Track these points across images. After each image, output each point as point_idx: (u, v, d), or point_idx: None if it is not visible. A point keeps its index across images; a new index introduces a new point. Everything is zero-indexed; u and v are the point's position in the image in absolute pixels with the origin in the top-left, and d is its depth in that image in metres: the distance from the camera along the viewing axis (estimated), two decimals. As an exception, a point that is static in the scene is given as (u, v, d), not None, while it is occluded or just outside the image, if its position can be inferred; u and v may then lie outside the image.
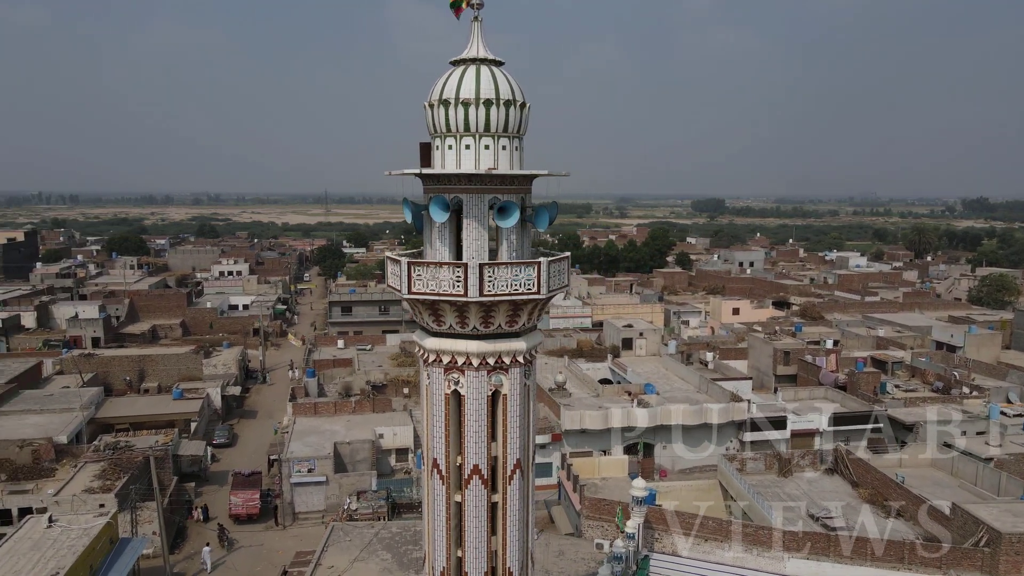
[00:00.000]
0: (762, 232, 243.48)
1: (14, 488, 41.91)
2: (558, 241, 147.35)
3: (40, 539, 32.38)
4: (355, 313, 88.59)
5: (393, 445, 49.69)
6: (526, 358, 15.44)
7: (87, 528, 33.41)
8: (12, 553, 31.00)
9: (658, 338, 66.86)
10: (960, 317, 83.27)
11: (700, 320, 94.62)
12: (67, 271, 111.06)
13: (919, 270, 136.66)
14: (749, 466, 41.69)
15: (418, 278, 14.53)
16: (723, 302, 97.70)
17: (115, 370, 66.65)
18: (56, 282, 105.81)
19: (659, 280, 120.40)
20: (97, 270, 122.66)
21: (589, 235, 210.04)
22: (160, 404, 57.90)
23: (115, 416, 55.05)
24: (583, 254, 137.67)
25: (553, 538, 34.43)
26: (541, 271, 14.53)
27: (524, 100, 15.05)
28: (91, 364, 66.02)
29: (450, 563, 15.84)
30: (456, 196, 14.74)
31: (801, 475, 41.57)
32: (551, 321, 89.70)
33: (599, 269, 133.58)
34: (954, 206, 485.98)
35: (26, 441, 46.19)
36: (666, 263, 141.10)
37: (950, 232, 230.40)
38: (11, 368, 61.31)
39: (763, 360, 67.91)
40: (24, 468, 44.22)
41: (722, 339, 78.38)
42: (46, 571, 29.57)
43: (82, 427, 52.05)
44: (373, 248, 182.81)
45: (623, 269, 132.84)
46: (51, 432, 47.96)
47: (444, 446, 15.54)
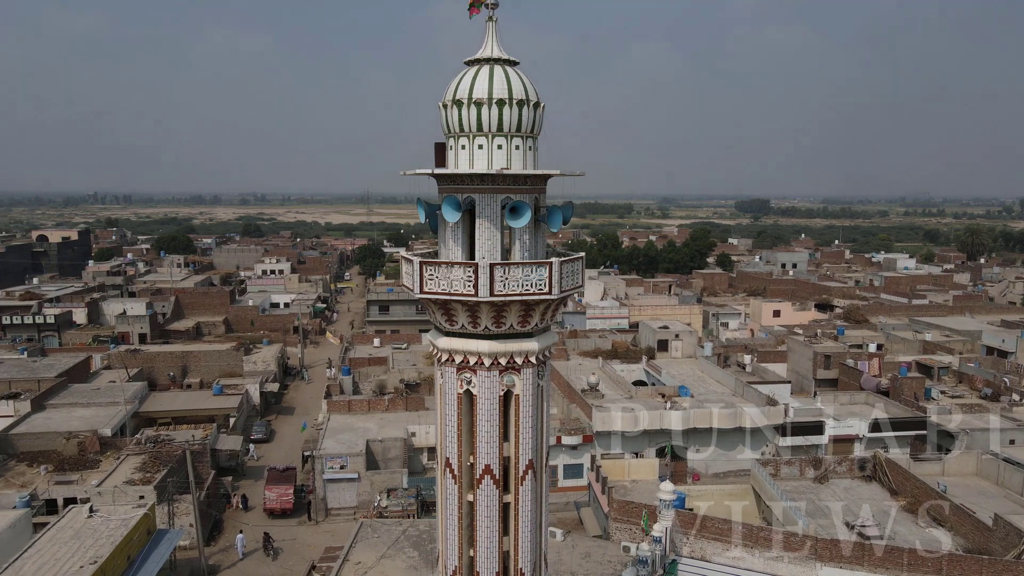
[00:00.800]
0: (807, 233, 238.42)
1: (60, 479, 43.36)
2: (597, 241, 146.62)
3: (81, 528, 33.41)
4: (392, 312, 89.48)
5: (425, 443, 50.03)
6: (539, 359, 15.36)
7: (125, 519, 34.37)
8: (54, 541, 32.04)
9: (694, 340, 66.03)
10: (1014, 322, 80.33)
11: (740, 322, 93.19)
12: (117, 269, 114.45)
13: (971, 272, 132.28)
14: (783, 471, 40.90)
15: (430, 278, 14.58)
16: (764, 304, 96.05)
17: (160, 365, 68.48)
18: (107, 279, 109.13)
19: (698, 281, 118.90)
20: (146, 268, 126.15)
21: (629, 235, 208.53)
22: (201, 399, 59.30)
23: (158, 410, 56.58)
24: (622, 255, 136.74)
25: (580, 539, 34.26)
26: (553, 272, 14.44)
27: (538, 100, 14.99)
28: (136, 360, 67.96)
29: (462, 562, 15.85)
30: (469, 196, 14.75)
31: (838, 481, 40.63)
32: (587, 321, 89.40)
33: (638, 270, 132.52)
34: (1011, 206, 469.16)
35: (72, 433, 47.79)
36: (706, 264, 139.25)
37: (1006, 233, 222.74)
38: (61, 363, 63.48)
39: (803, 364, 66.50)
40: (70, 459, 45.73)
41: (761, 342, 77.08)
42: (85, 559, 30.50)
43: (126, 420, 53.65)
44: (413, 247, 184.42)
45: (662, 270, 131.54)
46: (96, 425, 49.50)
47: (456, 445, 15.57)
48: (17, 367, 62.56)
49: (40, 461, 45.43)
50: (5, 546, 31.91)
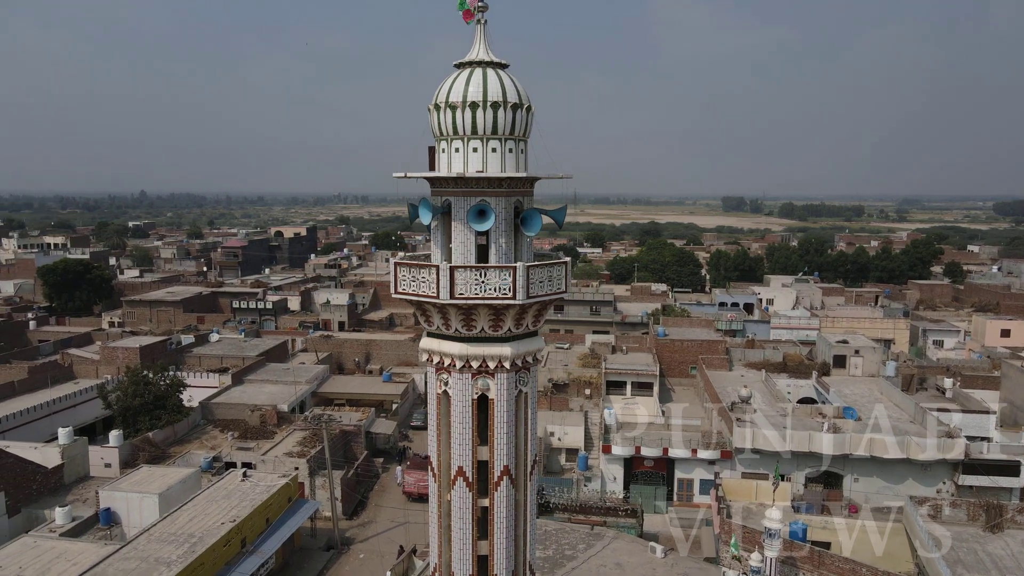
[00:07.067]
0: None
1: (241, 445, 49.48)
2: (797, 245, 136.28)
3: (233, 490, 38.03)
4: (567, 312, 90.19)
5: (564, 444, 50.23)
6: (515, 364, 15.09)
7: (269, 486, 38.54)
8: (210, 499, 36.81)
9: (877, 357, 59.26)
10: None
11: (957, 340, 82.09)
12: (334, 262, 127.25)
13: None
14: (946, 513, 35.63)
15: (403, 278, 14.96)
16: (990, 322, 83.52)
17: (347, 351, 75.33)
18: (324, 272, 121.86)
19: (914, 293, 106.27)
20: (358, 262, 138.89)
21: (847, 240, 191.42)
22: (371, 384, 64.35)
23: (333, 392, 62.33)
24: (826, 261, 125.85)
25: (683, 560, 32.51)
26: (518, 276, 14.15)
27: (521, 102, 14.72)
28: (328, 345, 75.31)
29: (441, 560, 16.04)
30: (447, 199, 14.91)
31: (1017, 533, 34.58)
32: (772, 331, 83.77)
33: (845, 278, 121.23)
34: None
35: (257, 406, 54.31)
36: (929, 274, 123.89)
37: None
38: (265, 344, 72.23)
39: (1019, 393, 57.09)
40: (252, 429, 51.99)
41: (972, 364, 67.31)
42: (227, 517, 34.72)
43: (306, 398, 59.78)
44: (610, 248, 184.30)
45: (873, 279, 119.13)
46: (278, 400, 55.78)
47: (436, 445, 15.79)
48: (232, 346, 72.26)
49: (229, 428, 52.21)
50: (175, 498, 37.19)
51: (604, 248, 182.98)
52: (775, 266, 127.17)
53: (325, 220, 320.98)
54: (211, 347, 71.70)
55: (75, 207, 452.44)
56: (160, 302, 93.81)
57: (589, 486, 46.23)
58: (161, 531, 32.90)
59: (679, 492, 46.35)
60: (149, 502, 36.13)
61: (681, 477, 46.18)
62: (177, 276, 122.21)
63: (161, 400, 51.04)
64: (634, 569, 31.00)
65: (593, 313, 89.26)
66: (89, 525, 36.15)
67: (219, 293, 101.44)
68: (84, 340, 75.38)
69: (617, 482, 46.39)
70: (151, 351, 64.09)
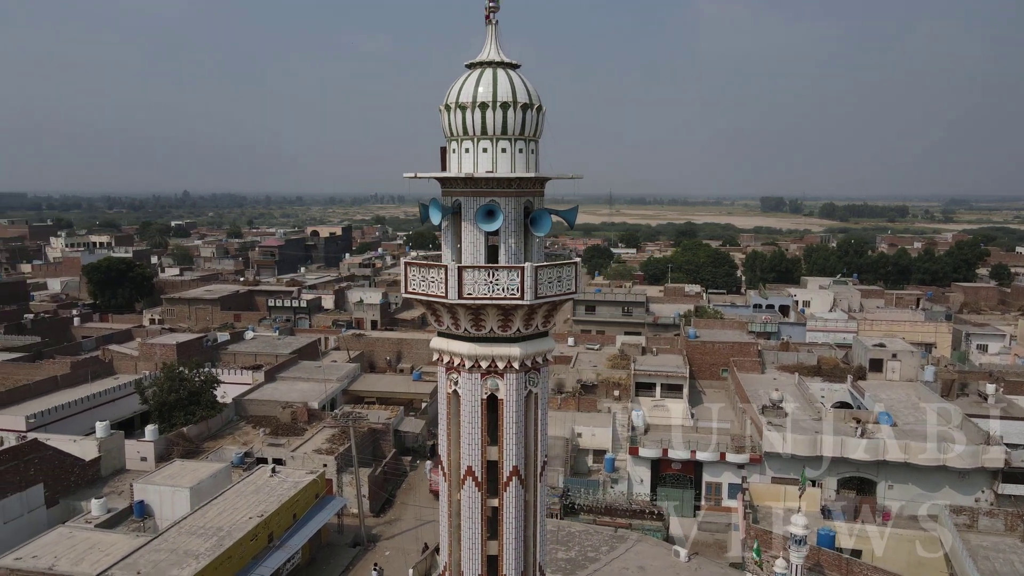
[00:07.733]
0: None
1: (272, 441, 50.25)
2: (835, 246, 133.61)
3: (261, 485, 38.64)
4: (598, 312, 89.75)
5: (591, 445, 49.99)
6: (524, 365, 15.08)
7: (297, 482, 39.07)
8: (239, 494, 37.46)
9: (916, 362, 57.78)
10: None
11: (1003, 345, 79.69)
12: (368, 262, 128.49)
13: None
14: (982, 523, 34.63)
15: (413, 278, 15.04)
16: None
17: (379, 350, 76.00)
18: (358, 271, 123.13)
19: (958, 295, 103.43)
20: (392, 262, 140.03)
21: (889, 241, 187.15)
22: (401, 383, 64.79)
23: (364, 390, 62.89)
24: (866, 263, 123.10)
25: (707, 564, 32.10)
26: (526, 277, 14.13)
27: (531, 102, 14.70)
28: (360, 343, 76.07)
29: (451, 559, 16.09)
30: (457, 199, 14.95)
31: (1057, 545, 33.42)
32: (807, 334, 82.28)
33: (885, 280, 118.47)
34: None
35: (288, 403, 55.09)
36: (975, 276, 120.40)
37: None
38: (298, 341, 73.26)
39: (1065, 399, 55.19)
40: (284, 425, 52.74)
41: (1018, 370, 65.27)
42: (255, 512, 35.31)
43: (336, 396, 60.44)
44: (644, 249, 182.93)
45: (915, 281, 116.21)
46: (309, 398, 56.47)
47: (447, 444, 15.84)
48: (266, 343, 73.40)
49: (261, 425, 53.05)
50: (206, 492, 37.91)
51: (639, 249, 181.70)
52: (813, 267, 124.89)
53: (362, 220, 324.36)
54: (246, 344, 72.95)
55: (121, 207, 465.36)
56: (199, 300, 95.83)
57: (616, 488, 45.94)
58: (191, 524, 33.59)
59: (707, 496, 45.80)
60: (181, 495, 36.88)
61: (709, 480, 45.61)
62: (216, 274, 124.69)
63: (196, 396, 52.09)
64: (657, 572, 30.73)
65: (625, 314, 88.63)
66: (123, 517, 37.05)
67: (256, 291, 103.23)
68: (125, 336, 77.35)
69: (644, 484, 46.03)
70: (188, 348, 65.46)
